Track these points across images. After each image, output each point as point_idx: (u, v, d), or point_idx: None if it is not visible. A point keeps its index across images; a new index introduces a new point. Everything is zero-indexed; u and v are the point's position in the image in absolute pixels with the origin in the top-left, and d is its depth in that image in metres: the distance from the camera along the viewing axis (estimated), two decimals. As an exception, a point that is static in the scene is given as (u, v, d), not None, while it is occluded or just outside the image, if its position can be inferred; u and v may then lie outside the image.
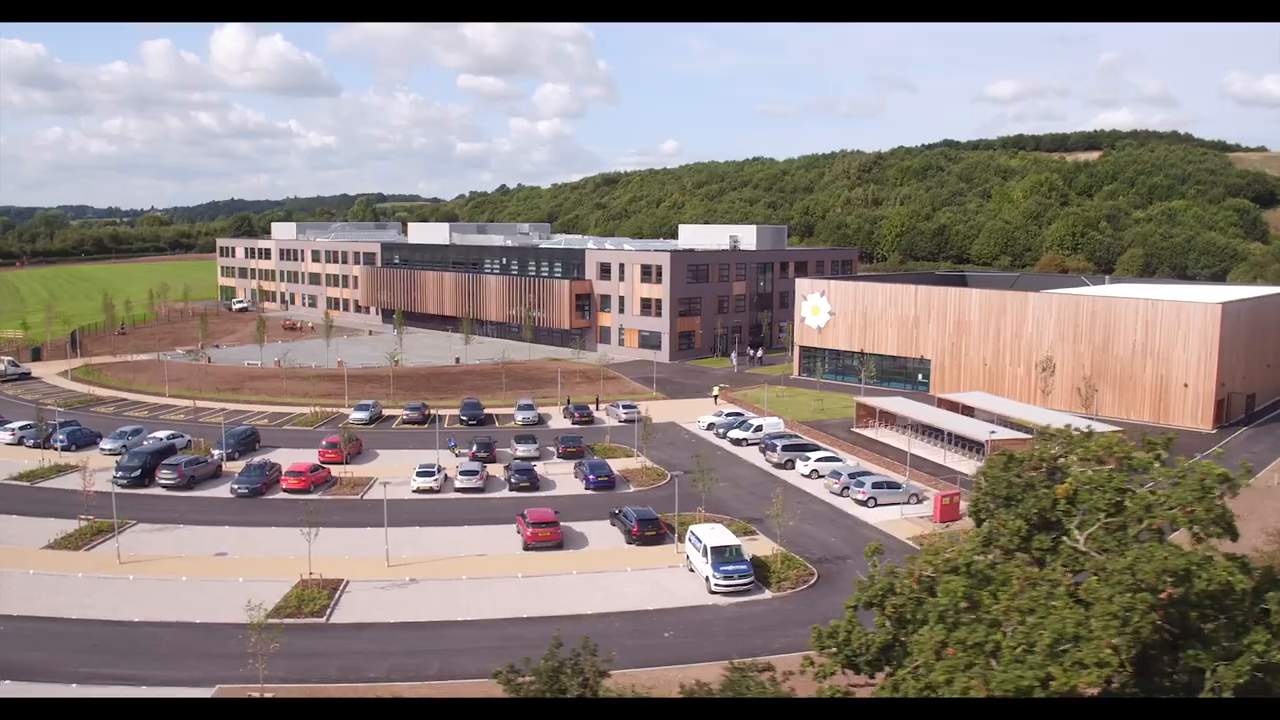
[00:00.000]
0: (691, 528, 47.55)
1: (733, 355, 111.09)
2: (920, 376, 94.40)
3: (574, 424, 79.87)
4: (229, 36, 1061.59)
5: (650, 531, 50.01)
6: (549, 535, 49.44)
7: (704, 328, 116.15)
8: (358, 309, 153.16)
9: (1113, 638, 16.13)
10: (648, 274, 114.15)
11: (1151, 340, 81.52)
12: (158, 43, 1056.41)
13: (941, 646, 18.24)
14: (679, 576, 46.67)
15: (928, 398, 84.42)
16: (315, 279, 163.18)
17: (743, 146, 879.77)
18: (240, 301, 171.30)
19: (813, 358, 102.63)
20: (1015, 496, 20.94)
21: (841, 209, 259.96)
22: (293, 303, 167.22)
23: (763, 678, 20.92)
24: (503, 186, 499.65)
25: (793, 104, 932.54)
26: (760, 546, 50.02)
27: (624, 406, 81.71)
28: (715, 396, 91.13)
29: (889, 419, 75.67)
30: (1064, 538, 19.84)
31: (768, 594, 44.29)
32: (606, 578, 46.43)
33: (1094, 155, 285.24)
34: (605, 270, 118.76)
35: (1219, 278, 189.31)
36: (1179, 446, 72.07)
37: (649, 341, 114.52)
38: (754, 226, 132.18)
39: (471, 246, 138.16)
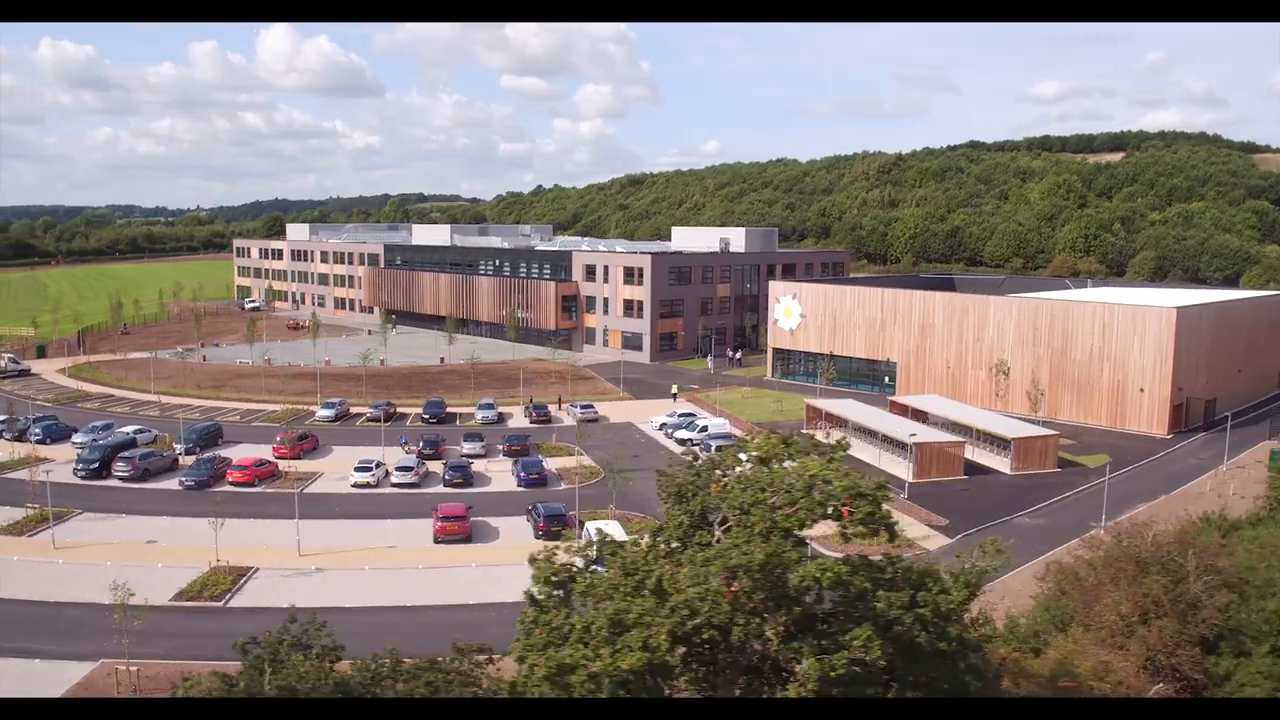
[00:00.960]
0: (588, 524, 49.47)
1: (709, 358, 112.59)
2: (887, 379, 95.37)
3: (532, 423, 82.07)
4: (274, 37, 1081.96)
5: (556, 527, 51.98)
6: (456, 529, 51.67)
7: (687, 329, 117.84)
8: (363, 309, 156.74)
9: (676, 625, 17.86)
10: (630, 276, 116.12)
11: (1108, 344, 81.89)
12: (204, 44, 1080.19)
13: (533, 627, 20.11)
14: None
15: (885, 400, 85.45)
16: (324, 279, 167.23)
17: (785, 147, 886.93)
18: (253, 301, 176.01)
19: (786, 359, 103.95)
20: (686, 494, 22.64)
21: (858, 210, 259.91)
22: (303, 302, 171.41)
23: (481, 658, 22.85)
24: (539, 187, 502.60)
25: (835, 104, 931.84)
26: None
27: (581, 407, 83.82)
28: (674, 395, 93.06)
29: (835, 421, 76.91)
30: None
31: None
32: (503, 570, 48.39)
33: (1118, 156, 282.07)
34: (591, 272, 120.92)
35: (1232, 281, 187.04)
36: (1132, 451, 72.50)
37: (631, 342, 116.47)
38: (743, 229, 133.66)
39: (467, 248, 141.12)
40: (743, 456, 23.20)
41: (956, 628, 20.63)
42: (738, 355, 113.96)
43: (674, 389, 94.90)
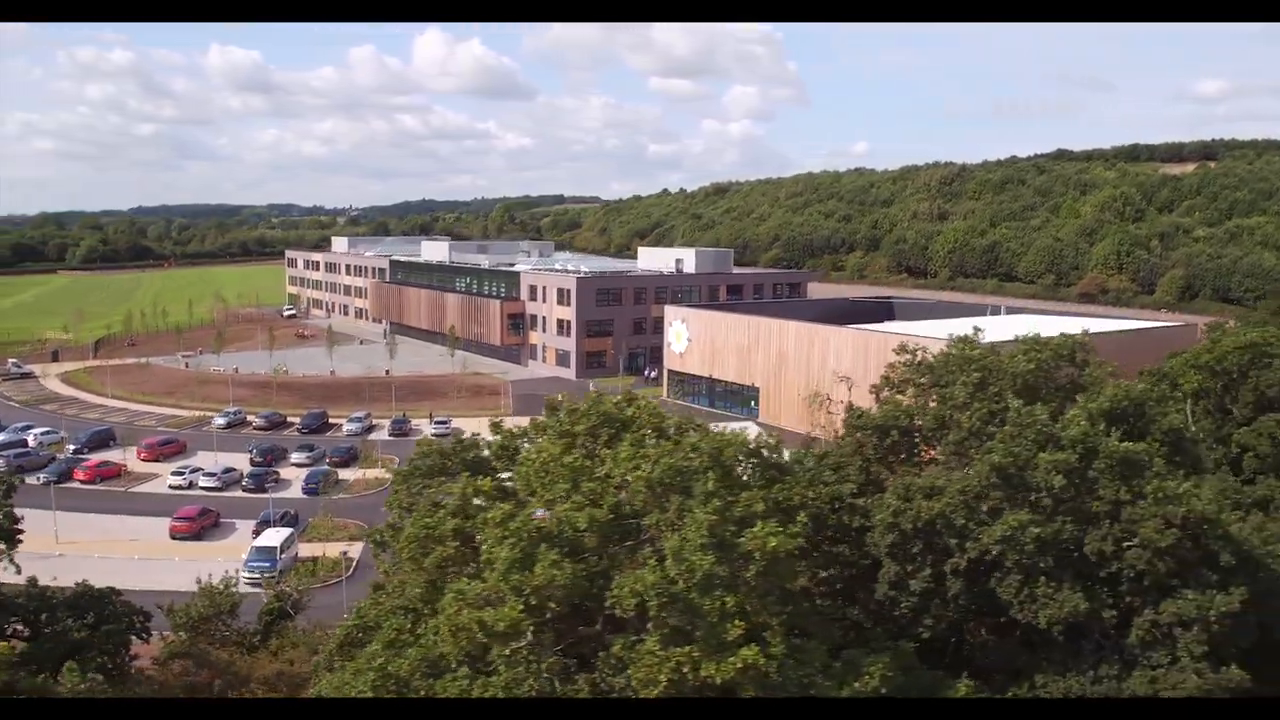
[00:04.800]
0: (267, 530, 58.85)
1: (591, 382, 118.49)
2: (752, 403, 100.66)
3: (391, 435, 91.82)
4: (429, 42, 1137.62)
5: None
6: (185, 528, 62.08)
7: (617, 348, 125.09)
8: (373, 320, 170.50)
9: None
10: (562, 297, 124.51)
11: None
12: (362, 49, 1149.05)
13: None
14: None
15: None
16: (347, 290, 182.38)
17: (932, 148, 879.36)
18: (290, 309, 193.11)
19: (680, 381, 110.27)
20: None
21: (907, 223, 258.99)
22: (333, 311, 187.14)
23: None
24: (664, 190, 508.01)
25: (985, 104, 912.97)
26: (349, 550, 60.76)
27: (437, 421, 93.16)
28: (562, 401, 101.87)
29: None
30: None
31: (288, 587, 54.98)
32: (204, 564, 58.17)
33: (1190, 167, 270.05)
34: (534, 292, 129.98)
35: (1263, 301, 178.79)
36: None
37: (563, 360, 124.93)
38: (693, 250, 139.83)
39: (448, 266, 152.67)
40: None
41: None
42: (653, 374, 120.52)
43: (560, 396, 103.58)
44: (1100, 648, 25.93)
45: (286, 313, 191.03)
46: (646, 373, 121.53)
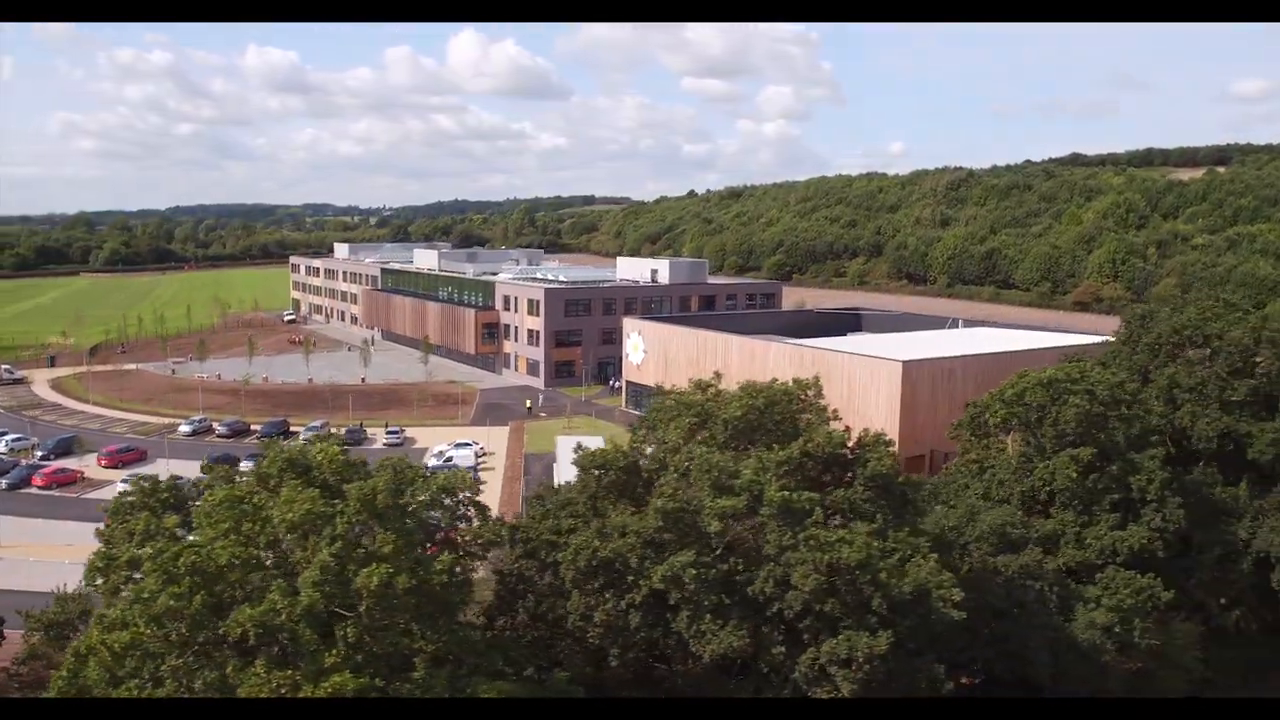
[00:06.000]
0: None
1: (540, 395, 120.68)
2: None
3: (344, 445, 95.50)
4: (464, 42, 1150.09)
5: (188, 538, 65.43)
6: (115, 535, 65.95)
7: (586, 358, 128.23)
8: (365, 326, 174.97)
9: None
10: (532, 307, 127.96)
11: (853, 395, 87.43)
12: (398, 49, 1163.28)
13: None
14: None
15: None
16: (344, 297, 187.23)
17: (970, 148, 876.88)
18: (289, 314, 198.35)
19: (637, 392, 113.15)
20: None
21: (910, 229, 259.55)
22: (332, 317, 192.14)
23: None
24: (691, 192, 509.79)
25: (1025, 104, 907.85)
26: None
27: (390, 432, 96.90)
28: (529, 409, 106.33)
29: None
30: None
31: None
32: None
33: (1199, 172, 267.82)
34: (507, 302, 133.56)
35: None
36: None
37: (534, 369, 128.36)
38: (667, 261, 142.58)
39: (430, 275, 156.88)
40: None
41: None
42: (617, 384, 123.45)
43: (528, 403, 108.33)
44: (784, 680, 28.72)
45: (287, 318, 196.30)
46: (612, 383, 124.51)
